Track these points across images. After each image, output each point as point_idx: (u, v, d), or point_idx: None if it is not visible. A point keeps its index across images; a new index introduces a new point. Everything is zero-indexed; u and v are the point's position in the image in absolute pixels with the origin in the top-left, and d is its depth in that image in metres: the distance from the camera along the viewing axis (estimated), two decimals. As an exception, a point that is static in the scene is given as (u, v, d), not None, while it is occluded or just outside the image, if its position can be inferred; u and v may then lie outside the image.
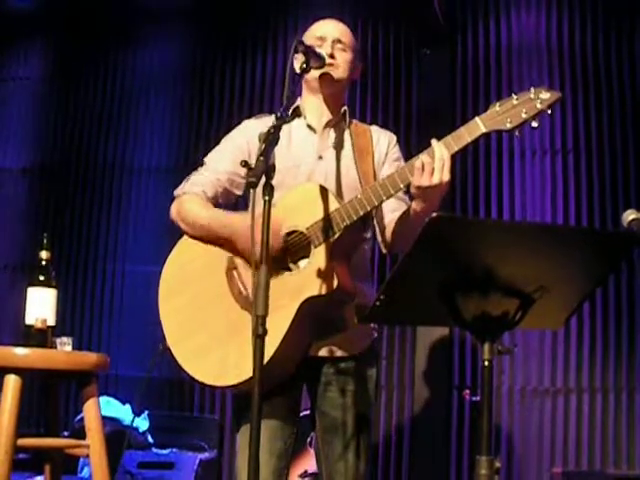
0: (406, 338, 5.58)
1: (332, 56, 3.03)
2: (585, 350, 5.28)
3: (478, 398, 2.24)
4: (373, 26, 6.03)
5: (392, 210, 3.02)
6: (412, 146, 5.58)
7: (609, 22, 5.58)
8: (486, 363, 2.17)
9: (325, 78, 3.03)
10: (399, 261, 2.09)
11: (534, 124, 2.68)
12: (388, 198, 2.80)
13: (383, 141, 3.15)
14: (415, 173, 2.68)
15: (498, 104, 2.70)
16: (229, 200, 3.17)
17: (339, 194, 2.94)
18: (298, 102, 3.14)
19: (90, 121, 6.55)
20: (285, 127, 2.98)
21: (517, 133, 2.70)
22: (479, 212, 5.54)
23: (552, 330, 5.09)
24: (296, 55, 2.94)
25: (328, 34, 3.07)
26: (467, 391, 5.00)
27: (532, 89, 2.69)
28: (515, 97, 2.69)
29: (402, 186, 2.75)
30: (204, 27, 6.39)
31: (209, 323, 2.90)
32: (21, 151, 6.68)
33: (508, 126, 2.68)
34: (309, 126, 3.10)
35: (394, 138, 3.20)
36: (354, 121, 3.18)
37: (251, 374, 2.54)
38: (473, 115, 5.58)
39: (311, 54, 2.81)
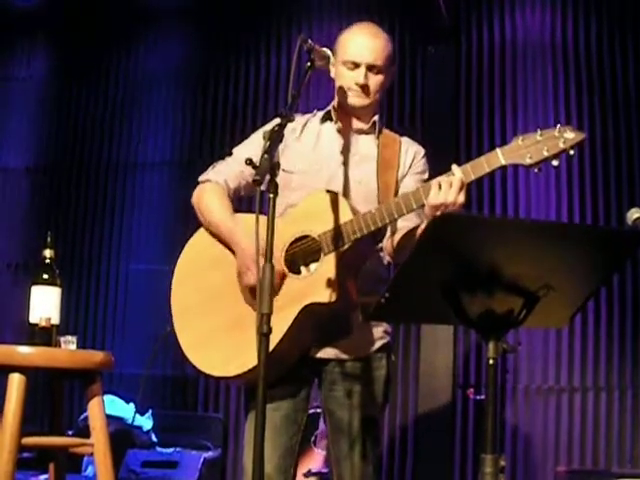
0: (410, 336, 5.59)
1: (364, 87, 3.00)
2: (589, 349, 5.28)
3: (483, 397, 2.24)
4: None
5: (403, 219, 2.96)
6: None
7: (614, 20, 5.57)
8: (491, 362, 2.16)
9: (353, 106, 3.03)
10: (404, 259, 2.09)
11: (554, 163, 2.66)
12: (400, 217, 2.80)
13: (410, 153, 3.12)
14: (432, 190, 2.67)
15: (521, 138, 2.68)
16: (251, 193, 3.17)
17: (356, 203, 2.93)
18: (330, 106, 3.13)
19: (93, 120, 6.56)
20: (315, 128, 3.01)
21: (536, 170, 2.69)
22: (483, 210, 5.54)
23: (557, 328, 5.09)
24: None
25: (362, 59, 3.01)
26: (471, 390, 5.00)
27: (558, 126, 2.66)
28: (539, 132, 2.67)
29: (415, 207, 2.74)
30: (207, 25, 6.40)
31: (216, 313, 2.92)
32: (24, 150, 6.69)
33: (528, 161, 2.67)
34: (338, 131, 3.08)
35: (422, 152, 3.17)
36: (385, 130, 3.16)
37: (250, 367, 2.57)
38: (477, 114, 5.60)
39: (315, 52, 2.81)
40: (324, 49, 2.90)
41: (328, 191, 2.90)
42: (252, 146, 3.09)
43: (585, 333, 5.28)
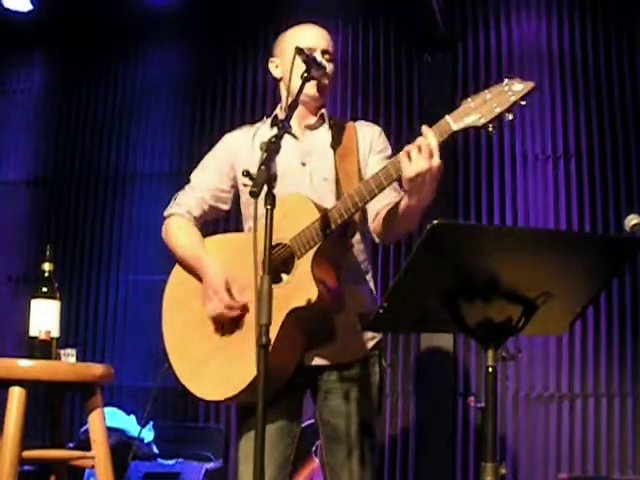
0: (410, 345, 5.58)
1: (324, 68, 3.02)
2: (590, 355, 5.27)
3: (483, 404, 2.23)
4: (374, 33, 6.04)
5: (378, 200, 2.87)
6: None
7: (609, 26, 5.58)
8: (490, 369, 2.17)
9: (320, 90, 3.04)
10: (401, 269, 2.09)
11: (509, 116, 2.57)
12: (372, 198, 2.72)
13: (367, 136, 3.11)
14: (403, 164, 2.59)
15: (470, 99, 2.62)
16: (217, 215, 3.21)
17: (325, 199, 2.94)
18: (277, 110, 3.14)
19: (92, 131, 6.56)
20: (266, 134, 2.99)
21: (491, 128, 2.59)
22: (481, 218, 5.53)
23: (556, 335, 5.08)
24: (272, 59, 2.97)
25: (317, 45, 3.06)
26: (472, 398, 4.99)
27: (505, 80, 2.60)
28: (487, 91, 2.61)
29: (386, 184, 2.68)
30: (206, 35, 6.39)
31: (204, 339, 2.93)
32: (23, 163, 6.69)
33: (481, 121, 2.58)
34: (290, 133, 3.07)
35: (378, 129, 3.16)
36: (335, 120, 3.15)
37: (247, 383, 2.57)
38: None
39: (312, 63, 2.81)
40: (320, 60, 2.91)
41: (290, 195, 2.87)
42: (209, 171, 3.17)
43: (585, 340, 5.28)
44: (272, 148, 2.47)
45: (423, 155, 2.56)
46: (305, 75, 2.79)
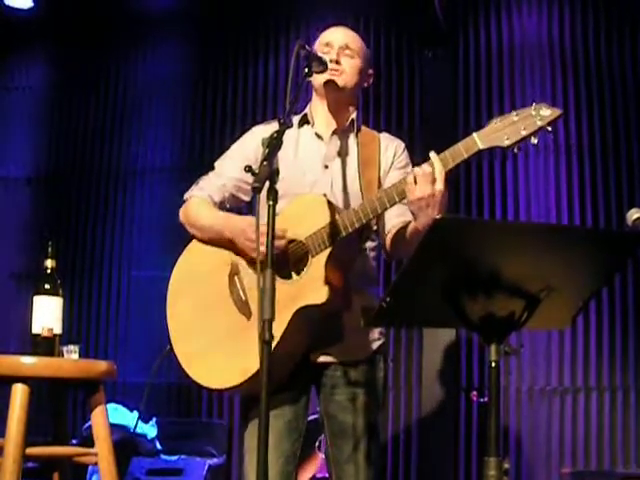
0: (413, 340, 5.58)
1: (337, 62, 3.02)
2: (592, 349, 5.27)
3: (486, 399, 2.24)
4: (375, 28, 6.03)
5: (397, 215, 3.00)
6: (415, 148, 5.58)
7: (611, 19, 5.57)
8: (493, 364, 2.17)
9: (329, 85, 3.03)
10: (404, 263, 2.09)
11: (534, 141, 2.62)
12: (384, 211, 2.80)
13: (390, 149, 3.13)
14: (407, 187, 2.67)
15: (498, 120, 2.65)
16: (237, 205, 3.20)
17: (344, 204, 2.96)
18: (307, 109, 3.14)
19: (93, 128, 6.57)
20: (294, 133, 3.01)
21: (516, 150, 2.64)
22: (484, 212, 5.54)
23: (559, 330, 5.08)
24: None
25: (335, 40, 3.06)
26: (475, 392, 4.99)
27: (533, 104, 2.64)
28: (515, 113, 2.64)
29: (398, 200, 2.74)
30: (207, 31, 6.40)
31: (210, 327, 2.93)
32: (25, 160, 6.70)
33: (506, 143, 2.62)
34: (317, 134, 3.10)
35: (402, 146, 3.18)
36: (363, 128, 3.16)
37: (252, 373, 2.58)
38: (476, 117, 5.58)
39: (313, 58, 2.81)
40: (321, 55, 2.91)
41: (310, 194, 2.93)
42: (234, 160, 3.13)
43: (587, 333, 5.28)
44: (274, 144, 2.47)
45: (426, 180, 2.63)
46: (306, 71, 2.79)
